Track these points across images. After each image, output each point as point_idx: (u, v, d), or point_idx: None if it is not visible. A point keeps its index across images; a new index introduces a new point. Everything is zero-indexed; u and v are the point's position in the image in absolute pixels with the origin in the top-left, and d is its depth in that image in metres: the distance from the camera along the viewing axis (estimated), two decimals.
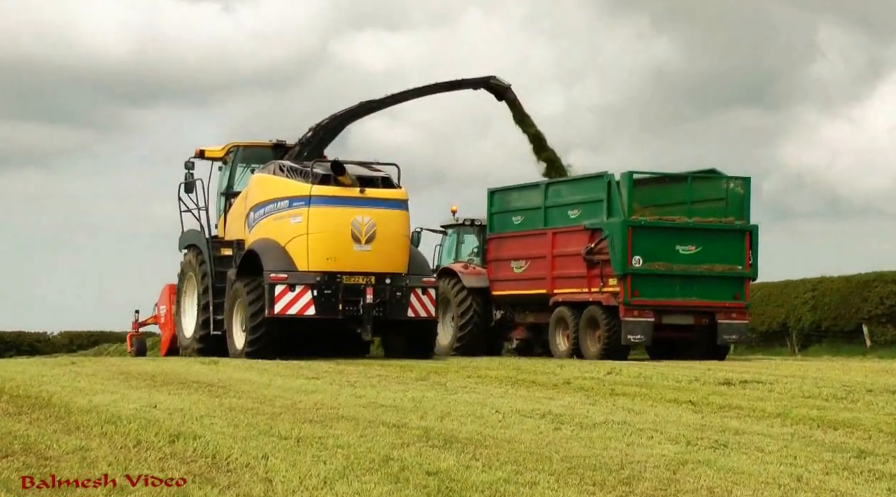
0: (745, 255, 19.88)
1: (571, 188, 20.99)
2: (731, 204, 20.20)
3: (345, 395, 12.56)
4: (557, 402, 12.32)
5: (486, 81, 22.82)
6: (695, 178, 20.65)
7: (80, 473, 8.13)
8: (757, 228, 19.97)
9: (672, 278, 19.57)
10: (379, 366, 17.14)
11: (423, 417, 10.81)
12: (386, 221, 18.77)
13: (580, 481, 8.00)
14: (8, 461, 8.56)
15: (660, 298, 19.53)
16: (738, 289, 19.98)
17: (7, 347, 45.93)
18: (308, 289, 18.38)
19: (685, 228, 19.72)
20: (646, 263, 19.38)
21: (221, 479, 7.97)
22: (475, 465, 8.42)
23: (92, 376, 14.80)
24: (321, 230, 18.60)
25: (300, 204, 18.69)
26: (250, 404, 11.60)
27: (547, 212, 20.94)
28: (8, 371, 15.45)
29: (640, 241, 19.25)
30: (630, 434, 10.02)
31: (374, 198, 18.76)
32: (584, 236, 19.97)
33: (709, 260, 19.80)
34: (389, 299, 18.76)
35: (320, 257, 18.54)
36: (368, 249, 18.60)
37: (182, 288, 21.04)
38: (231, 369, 16.28)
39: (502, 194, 22.32)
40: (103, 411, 10.77)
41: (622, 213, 19.41)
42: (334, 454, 8.72)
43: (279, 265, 18.51)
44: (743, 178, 20.37)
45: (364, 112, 21.44)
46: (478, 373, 15.88)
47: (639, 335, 19.27)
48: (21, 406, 11.41)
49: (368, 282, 18.59)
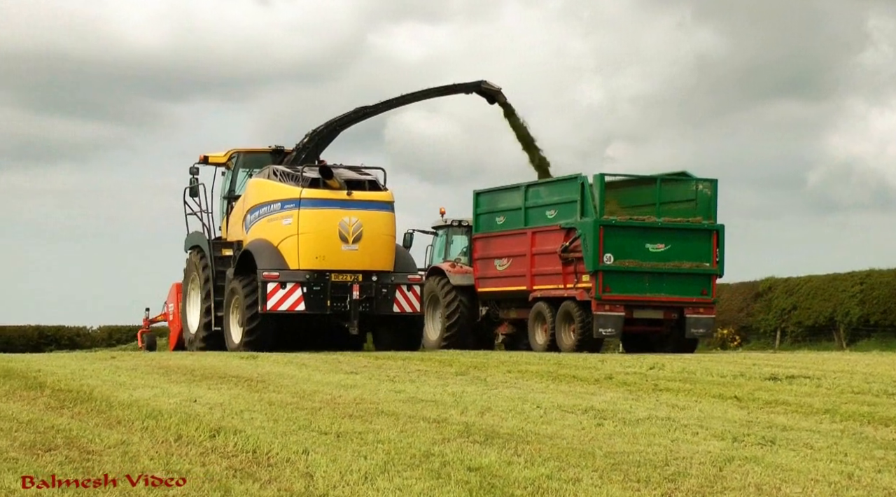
0: (713, 252, 20.79)
1: (549, 190, 21.89)
2: (699, 205, 21.10)
3: (384, 390, 12.51)
4: (599, 398, 12.20)
5: (478, 86, 23.78)
6: (666, 179, 21.58)
7: (122, 468, 8.11)
8: (723, 228, 20.88)
9: (642, 275, 20.51)
10: (419, 361, 17.10)
11: (463, 413, 10.72)
12: (372, 222, 20.00)
13: (624, 478, 7.89)
14: (51, 455, 8.57)
15: (630, 294, 20.48)
16: (705, 285, 20.89)
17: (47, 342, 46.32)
18: (298, 286, 19.64)
19: (654, 228, 20.67)
20: (617, 261, 20.34)
21: (262, 473, 7.93)
22: (517, 461, 8.33)
23: (132, 371, 14.84)
24: (310, 231, 19.82)
25: (291, 206, 19.94)
26: (290, 399, 11.57)
27: (527, 212, 21.90)
28: (50, 365, 15.53)
29: (611, 240, 20.22)
30: (674, 430, 9.88)
31: (361, 200, 19.98)
32: (560, 235, 20.91)
33: (677, 257, 20.73)
34: (375, 295, 20.00)
35: (310, 256, 19.77)
36: (355, 249, 19.85)
37: (187, 287, 22.31)
38: (270, 364, 16.28)
39: (487, 196, 23.26)
40: (144, 406, 10.77)
41: (594, 213, 20.34)
42: (375, 449, 8.65)
43: (272, 264, 19.77)
44: (710, 180, 21.20)
45: (359, 118, 22.41)
46: (518, 368, 15.77)
47: (609, 329, 20.24)
48: (63, 400, 11.44)
49: (355, 279, 19.84)
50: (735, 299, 37.82)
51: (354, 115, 22.30)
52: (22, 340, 45.94)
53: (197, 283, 21.85)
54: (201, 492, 7.47)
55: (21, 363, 15.94)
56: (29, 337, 46.70)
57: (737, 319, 37.19)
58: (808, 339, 34.50)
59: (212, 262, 21.29)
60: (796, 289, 36.35)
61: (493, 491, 7.46)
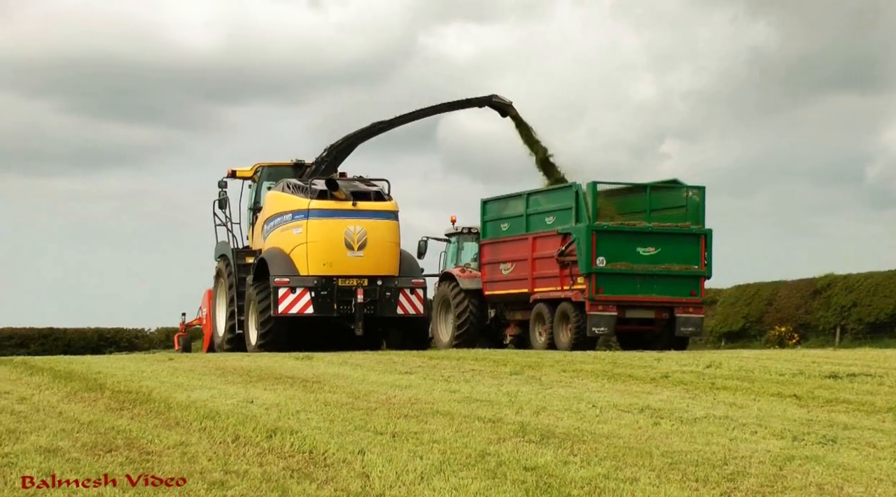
0: (701, 255, 21.82)
1: (547, 197, 23.05)
2: (689, 211, 22.15)
3: (439, 390, 12.51)
4: (656, 397, 12.11)
5: (489, 100, 24.88)
6: (657, 187, 22.71)
7: (182, 469, 8.19)
8: (711, 232, 21.93)
9: (633, 276, 21.57)
10: (473, 360, 17.09)
11: (518, 412, 10.70)
12: (376, 230, 21.48)
13: (682, 477, 7.82)
14: (112, 455, 8.67)
15: (622, 295, 21.53)
16: (694, 286, 21.92)
17: (107, 344, 46.92)
18: (307, 291, 21.15)
19: (644, 232, 21.77)
20: (609, 263, 21.40)
21: (319, 474, 7.96)
22: (573, 461, 8.29)
23: (189, 372, 14.97)
24: (318, 239, 21.32)
25: (301, 217, 21.50)
26: (345, 399, 11.61)
27: (528, 219, 23.02)
28: (109, 367, 15.71)
29: (604, 244, 21.33)
30: (733, 429, 9.79)
31: (366, 210, 21.49)
32: (558, 240, 22.01)
33: (667, 260, 21.75)
34: (379, 298, 21.43)
35: (318, 263, 21.27)
36: (361, 255, 21.33)
37: (216, 293, 24.04)
38: (325, 365, 16.35)
39: (493, 204, 24.43)
40: (202, 407, 10.86)
41: (587, 218, 21.46)
42: (430, 449, 8.66)
43: (283, 271, 21.29)
44: (699, 187, 22.29)
45: (375, 132, 23.56)
46: (573, 367, 15.71)
47: (602, 327, 21.33)
48: (123, 402, 11.57)
49: (360, 284, 21.34)
50: (793, 297, 37.44)
51: (370, 129, 23.46)
52: (82, 343, 46.55)
53: (223, 290, 23.42)
54: (259, 492, 7.52)
55: (82, 365, 16.14)
56: (89, 339, 47.32)
57: (795, 317, 36.81)
58: (868, 337, 34.02)
59: (235, 269, 22.81)
60: (856, 285, 35.91)
61: (549, 491, 7.43)
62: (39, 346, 44.80)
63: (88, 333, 47.97)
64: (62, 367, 15.52)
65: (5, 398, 12.18)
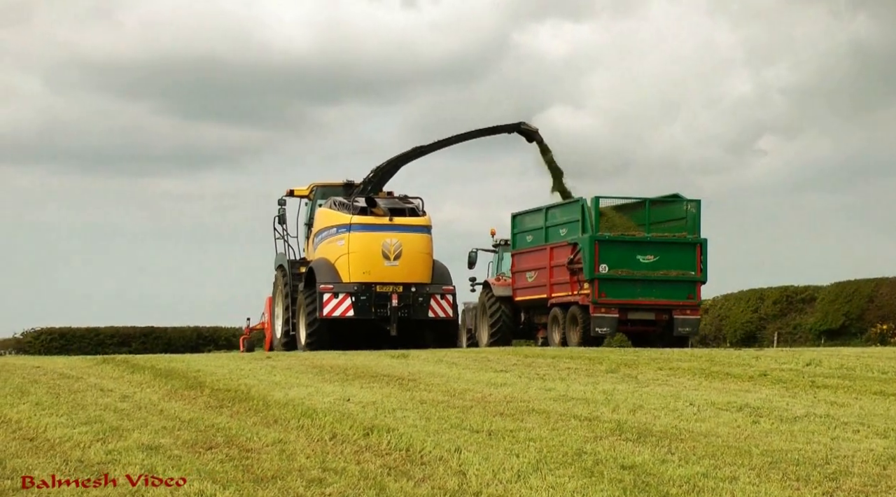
0: (697, 262, 23.66)
1: (560, 211, 25.19)
2: (688, 222, 24.07)
3: (534, 389, 12.48)
4: (754, 395, 11.94)
5: (518, 126, 27.35)
6: (660, 201, 24.61)
7: (280, 466, 8.30)
8: (706, 241, 23.82)
9: (634, 282, 23.46)
10: (568, 358, 17.03)
11: (615, 410, 10.63)
12: (410, 243, 24.02)
13: (783, 476, 7.70)
14: (212, 453, 8.81)
15: (623, 298, 23.41)
16: (690, 290, 23.78)
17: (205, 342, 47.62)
18: (348, 296, 23.68)
19: (644, 242, 23.67)
20: (611, 270, 23.31)
21: (416, 471, 8.01)
22: (671, 459, 8.21)
23: (287, 370, 15.15)
24: (358, 250, 23.87)
25: (344, 230, 24.14)
26: (441, 397, 11.64)
27: (547, 231, 25.19)
28: (208, 365, 15.98)
29: (606, 252, 23.27)
30: (834, 428, 9.61)
31: (401, 224, 24.02)
32: (568, 250, 24.02)
33: (665, 267, 23.62)
34: (413, 303, 23.86)
35: (358, 271, 23.81)
36: (396, 265, 23.83)
37: (275, 299, 26.82)
38: (420, 363, 16.43)
39: (520, 217, 26.67)
40: (299, 404, 10.98)
41: (591, 230, 23.45)
42: (527, 448, 8.64)
43: (328, 278, 23.86)
44: (696, 201, 24.27)
45: (416, 155, 26.04)
46: (669, 365, 15.56)
47: (605, 328, 23.13)
48: (222, 399, 11.76)
49: (395, 290, 23.80)
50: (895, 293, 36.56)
51: (412, 153, 25.96)
52: (181, 341, 47.35)
53: (280, 296, 26.19)
54: (357, 490, 7.58)
55: (181, 363, 16.44)
56: (188, 338, 48.11)
57: None
58: None
59: (290, 278, 25.50)
60: None
61: (647, 489, 7.37)
62: (140, 345, 45.69)
63: (187, 332, 48.76)
64: (163, 366, 15.83)
65: (109, 396, 12.46)
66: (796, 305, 38.60)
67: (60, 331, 47.30)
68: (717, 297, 41.42)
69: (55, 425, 10.26)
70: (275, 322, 26.56)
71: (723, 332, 39.51)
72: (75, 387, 13.43)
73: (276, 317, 26.45)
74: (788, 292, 38.86)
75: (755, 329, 38.74)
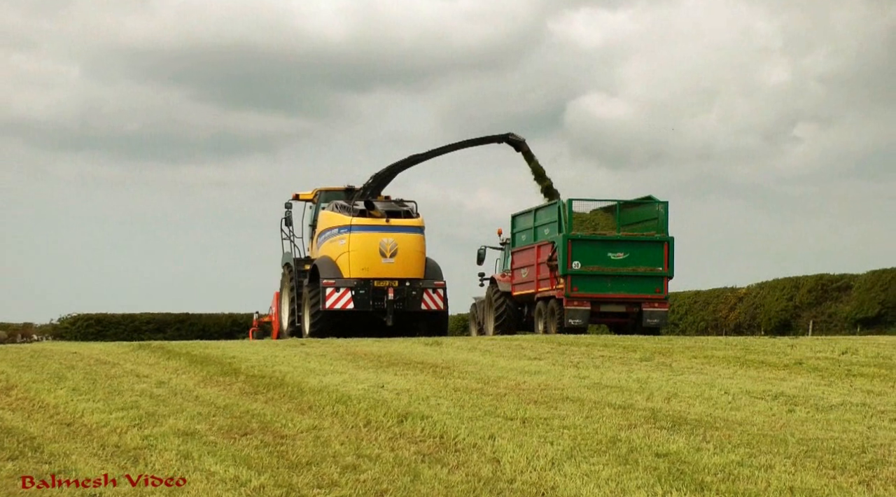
0: (664, 259, 25.24)
1: (544, 213, 26.85)
2: (659, 222, 25.71)
3: (568, 376, 12.46)
4: (790, 383, 11.87)
5: (506, 137, 29.08)
6: (634, 203, 26.22)
7: (315, 452, 8.34)
8: (673, 240, 25.43)
9: (605, 277, 25.11)
10: (602, 347, 16.99)
11: (649, 399, 10.60)
12: (405, 242, 26.04)
13: (819, 465, 7.66)
14: (247, 439, 8.87)
15: (595, 292, 25.06)
16: (658, 285, 25.25)
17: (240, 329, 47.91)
18: (349, 290, 25.73)
19: (614, 240, 25.30)
20: (584, 266, 24.98)
21: (450, 458, 8.02)
22: (706, 447, 8.18)
23: (321, 357, 15.21)
24: (358, 249, 25.94)
25: (345, 231, 26.24)
26: (475, 385, 11.65)
27: (535, 231, 26.91)
28: (243, 352, 16.07)
29: (578, 250, 24.98)
30: (870, 417, 9.54)
31: (397, 225, 26.10)
32: (549, 248, 25.73)
33: (634, 263, 25.21)
34: (407, 296, 25.86)
35: (358, 268, 25.87)
36: (392, 262, 25.87)
37: (282, 293, 29.10)
38: (454, 351, 16.44)
39: (518, 217, 28.41)
40: (333, 391, 11.02)
41: (565, 229, 25.21)
42: (561, 435, 8.63)
43: (330, 274, 26.01)
44: (665, 202, 25.90)
45: (412, 163, 27.89)
46: (704, 353, 15.50)
47: (578, 320, 24.76)
48: (257, 386, 11.81)
49: (391, 284, 25.82)
50: None
51: (408, 161, 27.74)
52: (216, 328, 47.67)
53: (286, 291, 28.44)
54: (391, 476, 7.61)
55: (217, 350, 16.53)
56: (223, 324, 48.42)
57: None
58: None
59: (296, 275, 27.68)
60: None
61: (682, 477, 7.35)
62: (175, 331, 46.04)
63: (222, 319, 49.09)
64: (198, 352, 15.92)
65: (145, 382, 12.56)
66: (831, 293, 38.31)
67: (97, 317, 47.71)
68: (752, 285, 41.20)
69: (92, 411, 10.35)
70: (282, 314, 28.88)
71: (757, 320, 39.29)
72: (112, 373, 13.54)
73: (282, 309, 28.80)
74: (824, 280, 38.58)
75: (790, 317, 38.50)
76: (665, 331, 26.89)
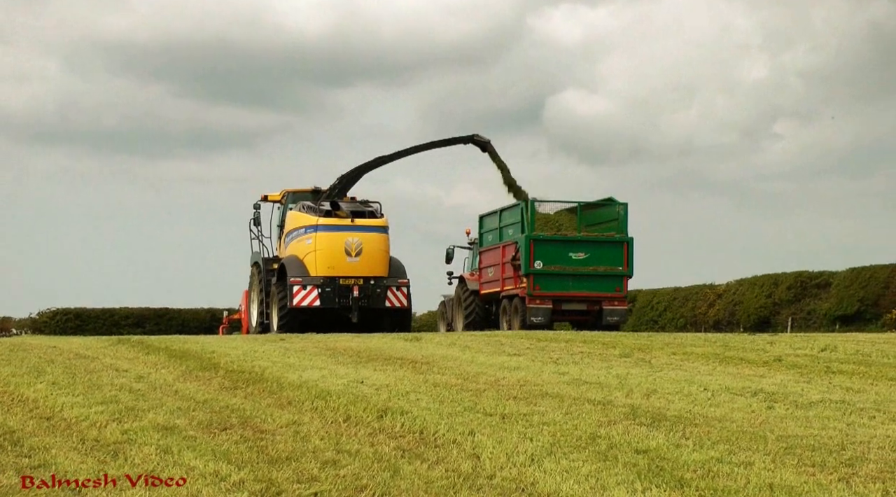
0: (624, 259, 26.05)
1: (509, 214, 27.60)
2: (619, 223, 26.48)
3: (548, 372, 12.48)
4: (769, 380, 11.91)
5: (472, 138, 29.52)
6: (594, 205, 27.00)
7: (295, 447, 8.31)
8: (632, 240, 26.17)
9: (566, 276, 25.90)
10: (581, 343, 17.02)
11: (628, 395, 10.62)
12: (370, 241, 26.69)
13: (798, 462, 7.68)
14: (227, 434, 8.84)
15: (557, 291, 25.87)
16: (618, 283, 26.14)
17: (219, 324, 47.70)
18: (315, 288, 26.41)
19: (575, 240, 26.09)
20: (545, 266, 25.76)
21: (430, 454, 8.01)
22: (685, 444, 8.20)
23: (301, 352, 15.18)
24: (324, 248, 26.55)
25: (311, 231, 26.84)
26: (454, 381, 11.64)
27: (501, 231, 27.73)
28: (223, 347, 16.02)
29: (540, 250, 25.76)
30: (850, 414, 9.58)
31: (361, 225, 26.75)
32: (513, 248, 26.56)
33: (595, 263, 26.03)
34: (371, 294, 26.54)
35: (324, 266, 26.47)
36: (357, 261, 26.54)
37: (250, 292, 29.86)
38: (433, 346, 16.43)
39: (485, 218, 29.23)
40: (313, 386, 11.00)
41: (528, 230, 25.96)
42: (540, 431, 8.64)
43: (298, 272, 26.63)
44: (624, 204, 26.61)
45: (378, 165, 28.45)
46: (683, 350, 15.54)
47: (539, 317, 25.49)
48: (236, 381, 11.78)
49: (356, 282, 26.49)
50: None
51: (374, 162, 28.29)
52: (195, 322, 47.47)
53: (255, 289, 29.24)
54: (371, 471, 7.59)
55: (196, 345, 16.48)
56: (202, 319, 48.23)
57: None
58: None
59: (264, 274, 28.43)
60: None
61: (661, 473, 7.36)
62: (154, 326, 45.84)
63: (201, 313, 48.92)
64: (177, 347, 15.87)
65: (124, 376, 12.50)
66: (811, 291, 38.48)
67: (76, 311, 47.45)
68: (731, 281, 41.34)
69: (71, 405, 10.30)
70: (251, 312, 29.69)
71: (736, 317, 39.43)
72: (91, 367, 13.47)
73: (251, 307, 29.62)
74: (803, 277, 38.75)
75: (769, 314, 38.66)
76: (645, 328, 27.33)
